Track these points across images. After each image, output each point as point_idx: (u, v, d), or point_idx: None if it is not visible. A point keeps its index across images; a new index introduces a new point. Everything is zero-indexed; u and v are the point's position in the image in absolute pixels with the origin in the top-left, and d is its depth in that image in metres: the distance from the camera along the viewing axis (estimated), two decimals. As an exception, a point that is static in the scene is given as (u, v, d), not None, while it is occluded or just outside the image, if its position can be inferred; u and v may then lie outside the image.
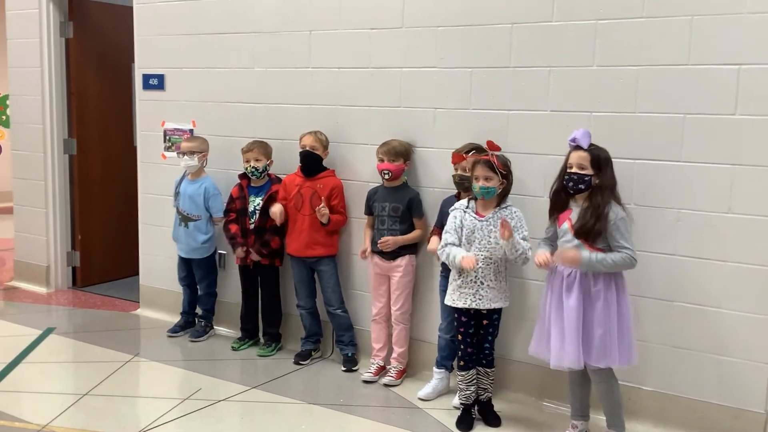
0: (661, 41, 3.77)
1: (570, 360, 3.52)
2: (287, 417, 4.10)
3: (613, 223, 3.47)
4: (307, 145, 4.70)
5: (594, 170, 3.50)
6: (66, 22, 6.38)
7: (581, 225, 3.51)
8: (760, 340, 3.68)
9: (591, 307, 3.51)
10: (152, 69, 5.68)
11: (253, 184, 5.03)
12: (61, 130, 6.45)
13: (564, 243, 3.60)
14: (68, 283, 6.65)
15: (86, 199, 6.59)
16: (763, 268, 3.64)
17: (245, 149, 4.96)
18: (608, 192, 3.51)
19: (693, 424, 3.85)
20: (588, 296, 3.52)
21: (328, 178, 4.74)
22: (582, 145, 3.53)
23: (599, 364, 3.53)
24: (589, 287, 3.52)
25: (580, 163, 3.52)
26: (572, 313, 3.50)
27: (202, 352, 5.10)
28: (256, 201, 4.99)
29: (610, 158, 3.55)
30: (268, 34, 5.06)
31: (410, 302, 4.56)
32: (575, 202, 3.61)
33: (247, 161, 4.94)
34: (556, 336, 3.56)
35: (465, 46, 4.33)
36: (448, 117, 4.42)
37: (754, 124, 3.60)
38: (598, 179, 3.51)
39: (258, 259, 4.95)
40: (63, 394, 4.33)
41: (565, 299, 3.54)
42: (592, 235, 3.48)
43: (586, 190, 3.53)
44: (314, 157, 4.70)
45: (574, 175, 3.53)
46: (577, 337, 3.50)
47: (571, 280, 3.54)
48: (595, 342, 3.50)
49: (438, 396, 4.34)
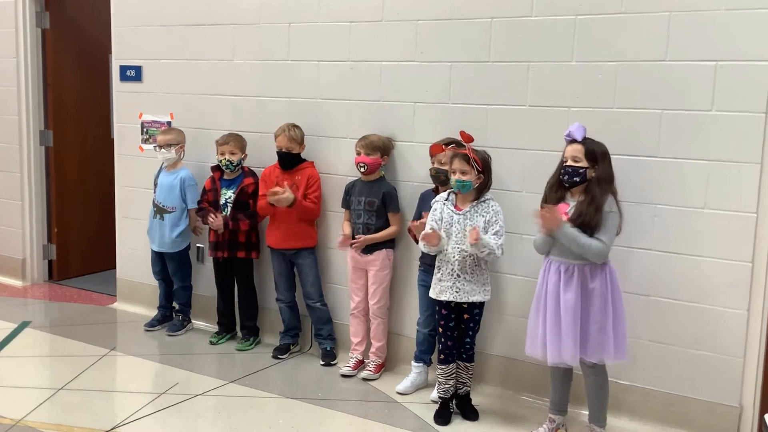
0: (640, 37, 3.79)
1: (568, 355, 3.52)
2: (265, 411, 4.08)
3: (605, 214, 3.47)
4: (282, 147, 4.68)
5: (589, 162, 3.50)
6: (42, 12, 6.30)
7: (579, 216, 3.48)
8: (735, 335, 3.72)
9: (587, 302, 3.51)
10: (129, 60, 5.63)
11: (226, 176, 5.01)
12: (37, 122, 6.38)
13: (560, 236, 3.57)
14: (44, 276, 6.59)
15: (63, 192, 6.53)
16: (738, 263, 3.68)
17: (220, 142, 4.94)
18: (605, 184, 3.50)
19: (669, 418, 3.89)
20: (585, 291, 3.51)
21: (306, 170, 4.73)
22: (576, 137, 3.53)
23: (593, 359, 3.54)
24: (586, 282, 3.51)
25: (575, 155, 3.52)
26: (570, 308, 3.50)
27: (180, 346, 5.07)
28: (228, 194, 4.97)
29: (607, 152, 3.54)
30: (247, 26, 5.03)
31: (388, 296, 4.56)
32: (571, 196, 3.59)
33: (222, 154, 4.92)
34: (554, 332, 3.55)
35: (444, 40, 4.32)
36: (427, 111, 4.42)
37: (730, 120, 3.62)
38: (594, 172, 3.50)
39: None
40: (38, 388, 4.29)
41: (562, 294, 3.53)
42: (591, 227, 3.46)
43: (582, 182, 3.52)
44: (291, 157, 4.70)
45: (569, 168, 3.53)
46: (575, 333, 3.49)
47: (568, 275, 3.53)
48: (590, 337, 3.51)
49: (416, 390, 4.34)
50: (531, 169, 4.12)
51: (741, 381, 3.74)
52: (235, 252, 4.97)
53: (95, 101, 6.62)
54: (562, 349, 3.52)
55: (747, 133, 3.59)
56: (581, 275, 3.52)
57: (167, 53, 5.43)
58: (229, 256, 4.99)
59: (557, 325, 3.54)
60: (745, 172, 3.61)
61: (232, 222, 4.89)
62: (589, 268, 3.52)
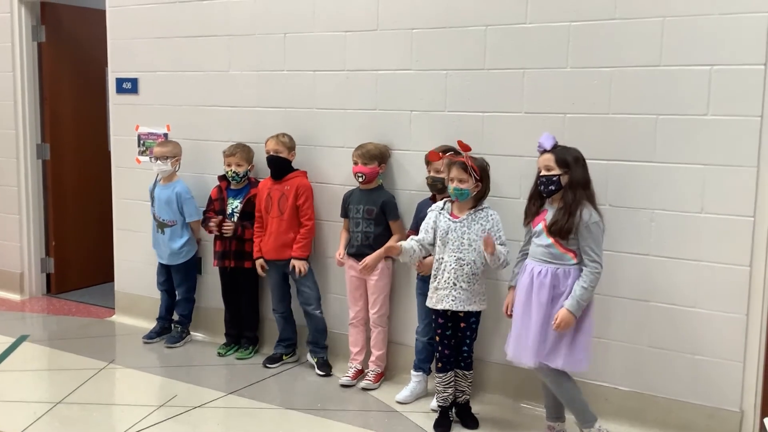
0: (634, 43, 3.80)
1: (527, 356, 3.56)
2: (264, 422, 4.07)
3: (585, 225, 3.48)
4: (270, 150, 4.69)
5: (561, 169, 3.53)
6: (38, 26, 6.31)
7: (553, 222, 3.53)
8: (735, 339, 3.71)
9: (554, 306, 3.53)
10: (126, 73, 5.63)
11: (233, 187, 5.01)
12: (34, 135, 6.38)
13: (539, 243, 3.61)
14: (42, 289, 6.58)
15: (60, 205, 6.52)
16: (736, 267, 3.67)
17: (228, 153, 4.93)
18: (579, 190, 3.52)
19: (669, 424, 3.87)
20: (557, 295, 3.54)
21: (295, 179, 4.72)
22: (546, 147, 3.57)
23: (547, 361, 3.57)
24: (557, 286, 3.54)
25: (546, 164, 3.56)
26: (541, 309, 3.53)
27: (179, 358, 5.06)
28: (234, 203, 4.97)
29: (580, 157, 3.56)
30: (243, 37, 5.04)
31: (388, 305, 4.55)
32: (551, 204, 3.62)
33: (228, 165, 4.92)
34: (520, 332, 3.60)
35: (439, 48, 4.33)
36: (423, 119, 4.42)
37: (725, 124, 3.63)
38: (568, 177, 3.53)
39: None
40: (37, 402, 4.27)
41: (535, 296, 3.57)
42: (564, 233, 3.50)
43: (557, 190, 3.55)
44: (279, 161, 4.69)
45: (543, 177, 3.57)
46: (543, 334, 3.53)
47: (541, 277, 3.56)
48: (548, 339, 3.54)
49: (416, 399, 4.33)
50: (527, 175, 4.09)
51: (741, 385, 3.73)
52: (242, 262, 4.97)
53: (92, 114, 6.62)
54: (525, 350, 3.58)
55: (742, 136, 3.60)
56: (553, 278, 3.55)
57: (163, 65, 5.43)
58: (236, 266, 4.98)
59: (524, 326, 3.59)
60: (742, 175, 3.61)
61: (241, 229, 4.90)
62: (563, 271, 3.55)
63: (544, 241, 3.57)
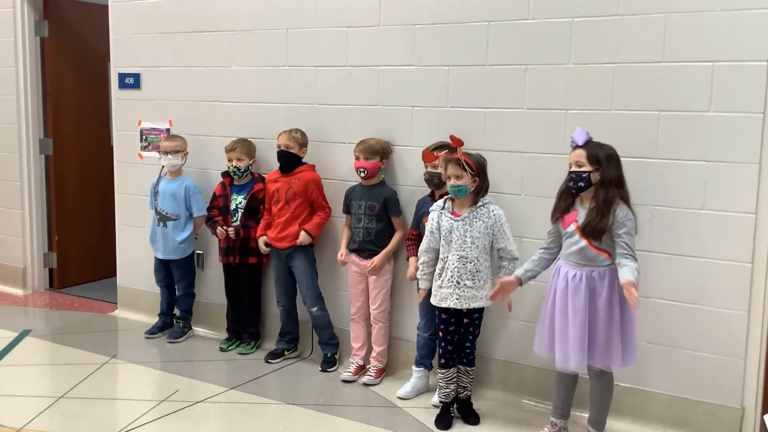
0: (636, 39, 3.79)
1: (575, 362, 3.49)
2: (265, 418, 4.08)
3: (621, 223, 3.41)
4: (281, 145, 4.69)
5: (593, 166, 3.44)
6: (41, 20, 6.31)
7: (587, 223, 3.45)
8: (736, 336, 3.71)
9: (595, 308, 3.47)
10: (128, 68, 5.63)
11: (236, 182, 5.02)
12: (37, 130, 6.38)
13: (571, 245, 3.53)
14: (45, 284, 6.59)
15: (63, 200, 6.53)
16: (737, 264, 3.67)
17: (228, 148, 4.94)
18: (612, 188, 3.44)
19: (670, 420, 3.88)
20: (593, 298, 3.48)
21: (304, 173, 4.71)
22: (578, 142, 3.50)
23: (600, 365, 3.52)
24: (594, 288, 3.48)
25: (577, 160, 3.48)
26: (578, 314, 3.46)
27: (181, 353, 5.07)
28: (239, 199, 4.98)
29: (614, 154, 3.48)
30: (245, 32, 5.04)
31: (389, 301, 4.55)
32: (581, 204, 3.55)
33: (230, 160, 4.92)
34: (561, 337, 3.52)
35: (442, 44, 4.32)
36: (425, 115, 4.42)
37: (727, 120, 3.62)
38: (599, 175, 3.46)
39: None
40: (39, 397, 4.28)
41: (570, 301, 3.50)
42: (597, 234, 3.43)
43: (587, 187, 3.47)
44: (289, 156, 4.68)
45: (573, 173, 3.50)
46: (582, 340, 3.46)
47: (576, 281, 3.49)
48: (598, 344, 3.48)
49: (417, 395, 4.33)
50: (529, 172, 4.12)
51: (742, 382, 3.73)
52: (246, 258, 4.97)
53: (94, 109, 6.62)
54: (570, 355, 3.50)
55: (745, 133, 3.59)
56: (589, 281, 3.48)
57: (165, 60, 5.43)
58: (240, 262, 4.99)
59: (565, 331, 3.51)
60: (744, 172, 3.61)
61: (243, 230, 4.90)
62: (598, 273, 3.48)
63: (577, 243, 3.50)
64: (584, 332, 3.46)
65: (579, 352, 3.47)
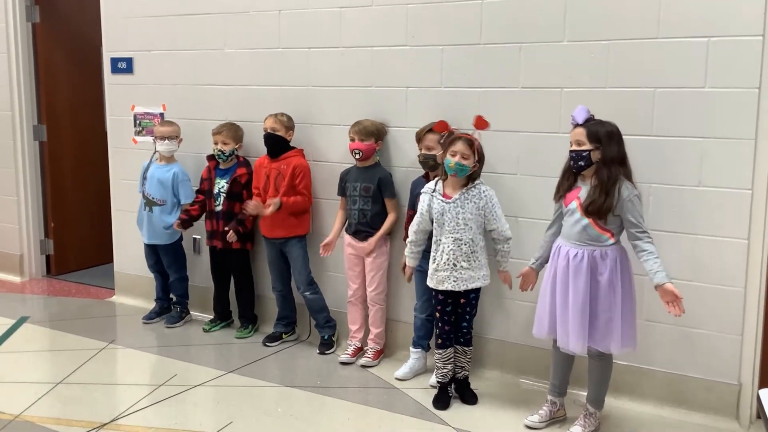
0: (631, 15, 3.76)
1: (574, 344, 3.49)
2: (263, 400, 4.08)
3: (628, 200, 3.38)
4: (268, 128, 4.67)
5: (593, 145, 3.41)
6: (32, 6, 6.26)
7: (590, 202, 3.41)
8: (733, 313, 3.71)
9: (597, 290, 3.45)
10: (120, 52, 5.60)
11: (221, 166, 5.00)
12: (30, 117, 6.35)
13: (573, 223, 3.50)
14: (42, 271, 6.58)
15: (58, 186, 6.51)
16: (734, 240, 3.66)
17: (215, 131, 4.93)
18: (615, 166, 3.40)
19: (668, 397, 3.89)
20: (594, 278, 3.46)
21: (292, 158, 4.70)
22: (577, 121, 3.47)
23: (600, 347, 3.51)
24: (596, 268, 3.45)
25: (577, 139, 3.45)
26: (579, 295, 3.45)
27: (178, 338, 5.07)
28: (221, 183, 4.96)
29: (615, 132, 3.44)
30: (238, 14, 5.00)
31: (385, 283, 4.55)
32: (584, 181, 3.52)
33: (216, 143, 4.91)
34: (563, 317, 3.51)
35: (435, 23, 4.29)
36: (420, 95, 4.39)
37: (723, 96, 3.60)
38: (600, 153, 3.42)
39: (233, 240, 4.89)
40: (37, 383, 4.28)
41: (571, 281, 3.48)
42: (602, 213, 3.39)
43: (587, 166, 3.44)
44: (276, 139, 4.67)
45: (573, 152, 3.47)
46: (583, 321, 3.45)
47: (577, 261, 3.46)
48: (599, 325, 3.47)
49: (415, 375, 4.34)
50: (525, 151, 4.10)
51: (739, 358, 3.74)
52: (229, 243, 4.95)
53: (88, 94, 6.59)
54: (570, 337, 3.49)
55: (740, 109, 3.57)
56: (591, 261, 3.46)
57: (158, 44, 5.40)
58: (224, 247, 4.98)
59: (565, 312, 3.50)
60: (739, 148, 3.60)
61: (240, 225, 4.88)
62: (600, 252, 3.45)
63: (580, 221, 3.47)
64: (585, 313, 3.45)
65: (579, 334, 3.46)
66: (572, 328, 3.47)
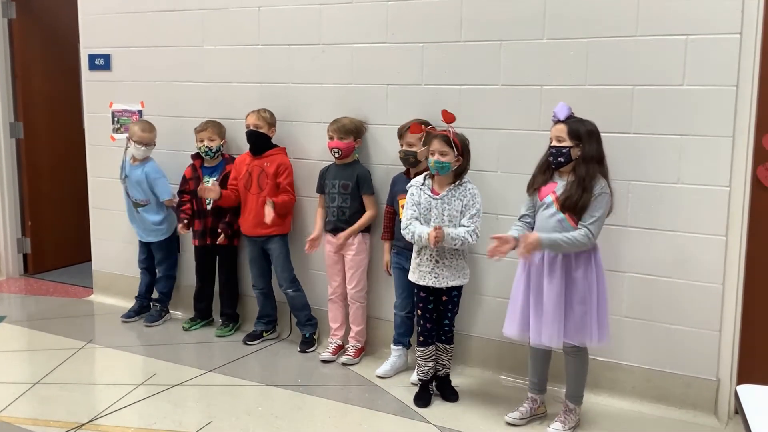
0: (610, 12, 3.77)
1: (548, 338, 3.50)
2: (244, 399, 4.06)
3: (598, 195, 3.42)
4: (250, 125, 4.65)
5: (573, 142, 3.43)
6: (8, 2, 6.18)
7: (566, 198, 3.44)
8: (711, 309, 3.74)
9: (572, 286, 3.47)
10: (98, 49, 5.54)
11: (207, 164, 4.97)
12: (7, 114, 6.28)
13: (548, 216, 3.51)
14: (20, 270, 6.52)
15: (35, 184, 6.44)
16: (712, 237, 3.69)
17: (198, 129, 4.89)
18: (593, 164, 3.44)
19: (647, 393, 3.91)
20: (569, 272, 3.47)
21: (275, 156, 4.68)
22: (559, 117, 3.49)
23: (575, 341, 3.53)
24: (570, 270, 3.47)
25: (558, 135, 3.47)
26: (553, 293, 3.46)
27: (158, 337, 5.04)
28: (210, 181, 4.92)
29: (595, 130, 3.47)
30: (217, 11, 4.96)
31: (365, 280, 4.54)
32: (560, 177, 3.54)
33: (201, 141, 4.87)
34: (536, 314, 3.52)
35: (415, 21, 4.28)
36: (400, 93, 4.39)
37: (701, 94, 3.62)
38: (580, 151, 3.45)
39: (223, 242, 4.89)
40: (14, 383, 4.23)
41: (546, 275, 3.49)
42: (578, 209, 3.42)
43: (567, 163, 3.47)
44: (258, 135, 4.64)
45: (553, 148, 3.49)
46: (557, 317, 3.47)
47: (551, 255, 3.48)
48: (574, 320, 3.48)
49: (396, 373, 4.34)
50: (505, 148, 4.11)
51: (717, 354, 3.77)
52: (216, 239, 4.93)
53: (65, 91, 6.52)
54: (543, 332, 3.51)
55: (718, 106, 3.60)
56: (565, 263, 3.48)
57: (136, 41, 5.35)
58: (212, 243, 4.96)
59: (539, 309, 3.52)
60: (717, 145, 3.62)
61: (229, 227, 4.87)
62: (574, 255, 3.47)
63: (556, 215, 3.48)
64: (560, 307, 3.47)
65: (554, 327, 3.48)
66: (546, 321, 3.49)
